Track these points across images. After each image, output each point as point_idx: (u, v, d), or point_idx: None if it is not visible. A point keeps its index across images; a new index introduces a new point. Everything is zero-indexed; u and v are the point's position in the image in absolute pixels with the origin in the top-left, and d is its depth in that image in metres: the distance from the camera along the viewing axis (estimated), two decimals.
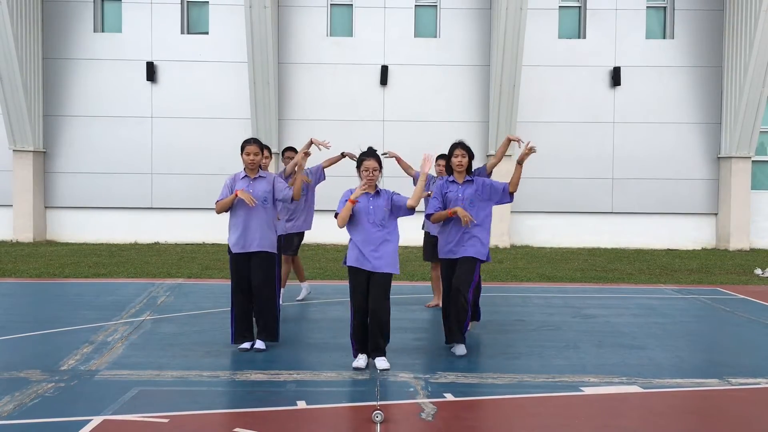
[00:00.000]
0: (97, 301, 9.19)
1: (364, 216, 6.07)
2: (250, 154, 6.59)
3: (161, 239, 17.14)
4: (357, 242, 6.09)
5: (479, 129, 17.02)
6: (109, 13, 17.35)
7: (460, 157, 6.61)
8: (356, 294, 6.10)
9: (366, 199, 6.10)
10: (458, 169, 6.62)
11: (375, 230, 6.04)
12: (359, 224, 6.09)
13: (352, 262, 6.10)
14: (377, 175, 6.10)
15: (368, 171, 6.06)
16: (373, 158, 6.10)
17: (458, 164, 6.61)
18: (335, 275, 11.85)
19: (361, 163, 6.12)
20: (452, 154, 6.67)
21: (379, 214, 6.07)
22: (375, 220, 6.06)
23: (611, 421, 4.81)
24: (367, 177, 6.07)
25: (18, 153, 16.60)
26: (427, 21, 17.42)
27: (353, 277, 6.13)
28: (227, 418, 4.84)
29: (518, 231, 17.04)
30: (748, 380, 5.80)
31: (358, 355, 6.12)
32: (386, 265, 6.05)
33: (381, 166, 6.14)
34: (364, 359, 6.09)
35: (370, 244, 6.03)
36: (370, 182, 6.07)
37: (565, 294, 10.23)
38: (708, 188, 17.21)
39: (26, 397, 5.12)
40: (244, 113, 16.82)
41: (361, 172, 6.12)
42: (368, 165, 6.08)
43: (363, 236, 6.06)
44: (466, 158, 6.61)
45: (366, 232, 6.06)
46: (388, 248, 6.07)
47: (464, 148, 6.67)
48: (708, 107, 17.12)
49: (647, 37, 17.22)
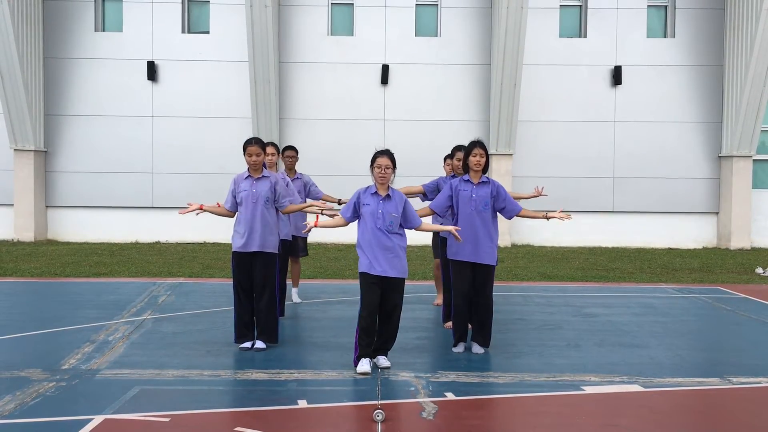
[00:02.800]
0: (98, 300, 9.20)
1: (372, 220, 5.90)
2: (252, 155, 6.55)
3: (162, 238, 17.14)
4: (364, 246, 5.93)
5: (480, 128, 17.00)
6: (110, 13, 17.36)
7: (478, 157, 6.47)
8: (366, 296, 5.89)
9: (375, 202, 5.91)
10: (476, 168, 6.49)
11: (381, 235, 5.88)
12: (366, 227, 5.93)
13: (364, 268, 5.92)
14: (390, 173, 5.91)
15: (381, 168, 5.86)
16: (386, 156, 5.91)
17: (476, 163, 6.47)
18: (336, 275, 11.85)
19: (374, 161, 5.93)
20: (470, 152, 6.51)
21: (387, 220, 5.88)
22: (382, 225, 5.88)
23: (612, 420, 4.81)
24: (379, 174, 5.86)
25: (19, 152, 16.60)
26: (428, 20, 17.41)
27: (365, 281, 5.92)
28: (228, 417, 4.84)
29: (519, 230, 17.03)
30: (749, 379, 5.80)
31: (362, 360, 5.87)
32: (398, 272, 5.91)
33: (395, 165, 5.95)
34: (368, 364, 5.86)
35: (377, 248, 5.87)
36: (382, 180, 5.88)
37: (566, 293, 10.23)
38: (709, 187, 17.20)
39: (27, 396, 5.12)
40: (244, 112, 16.83)
41: (373, 169, 5.92)
42: (381, 162, 5.88)
43: (369, 240, 5.90)
44: (484, 158, 6.49)
45: (372, 236, 5.89)
46: (396, 253, 5.89)
47: (483, 147, 6.53)
48: (709, 106, 17.11)
49: (648, 35, 17.21)
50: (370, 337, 5.90)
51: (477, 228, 6.43)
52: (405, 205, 6.02)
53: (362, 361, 5.85)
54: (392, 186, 6.06)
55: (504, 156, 16.60)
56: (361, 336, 5.89)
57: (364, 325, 5.86)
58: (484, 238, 6.44)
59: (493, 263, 6.51)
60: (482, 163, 6.49)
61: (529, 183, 16.86)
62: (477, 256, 6.43)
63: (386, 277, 5.91)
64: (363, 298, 5.92)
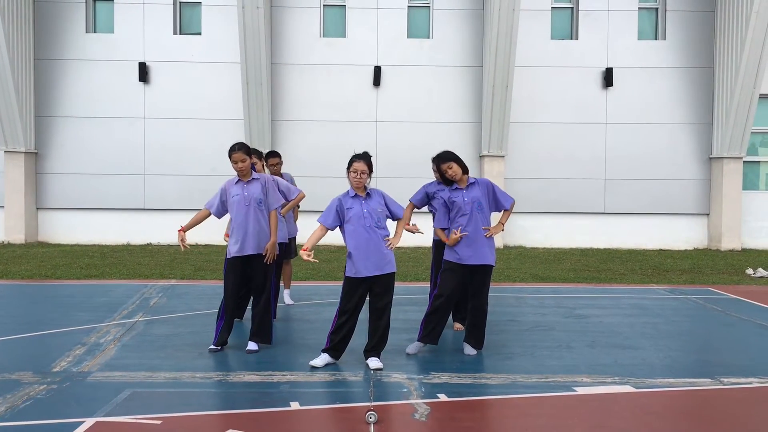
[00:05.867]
0: (90, 302, 9.16)
1: (359, 222, 5.98)
2: (238, 162, 6.52)
3: (154, 240, 17.09)
4: (353, 250, 5.98)
5: (472, 129, 17.05)
6: (101, 14, 17.30)
7: (452, 170, 6.47)
8: (351, 299, 6.02)
9: (358, 204, 6.01)
10: (455, 178, 6.52)
11: (371, 234, 5.96)
12: (354, 230, 5.99)
13: (352, 274, 5.99)
14: (365, 178, 6.03)
15: (356, 173, 5.98)
16: (362, 160, 6.02)
17: (452, 175, 6.49)
18: (328, 276, 11.85)
19: (350, 165, 6.02)
20: (441, 169, 6.53)
21: (374, 217, 6.00)
22: (371, 223, 5.98)
23: (604, 421, 4.82)
24: (355, 179, 5.99)
25: (9, 154, 16.52)
26: (420, 22, 17.44)
27: (350, 285, 6.01)
28: (220, 419, 4.82)
29: (511, 231, 17.06)
30: (740, 380, 5.82)
31: (323, 354, 6.06)
32: (388, 265, 6.01)
33: (371, 169, 6.07)
34: (323, 359, 6.04)
35: (367, 249, 5.93)
36: (357, 185, 6.00)
37: (558, 294, 10.25)
38: (700, 189, 17.28)
39: (18, 399, 5.09)
40: (236, 114, 16.81)
41: (349, 173, 6.03)
42: (357, 167, 5.99)
43: (359, 242, 5.95)
44: (456, 166, 6.48)
45: (362, 238, 5.95)
46: (386, 249, 6.01)
47: (448, 159, 6.49)
48: (699, 108, 17.20)
49: (639, 38, 17.30)
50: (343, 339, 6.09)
51: (476, 229, 6.48)
52: (385, 198, 6.16)
53: (322, 356, 6.08)
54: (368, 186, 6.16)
55: (496, 158, 16.64)
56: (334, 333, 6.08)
57: (336, 329, 6.06)
58: (484, 239, 6.50)
59: (492, 263, 6.54)
60: (458, 172, 6.50)
61: (521, 184, 16.95)
62: (477, 257, 6.46)
63: (378, 276, 5.98)
64: (342, 304, 6.05)
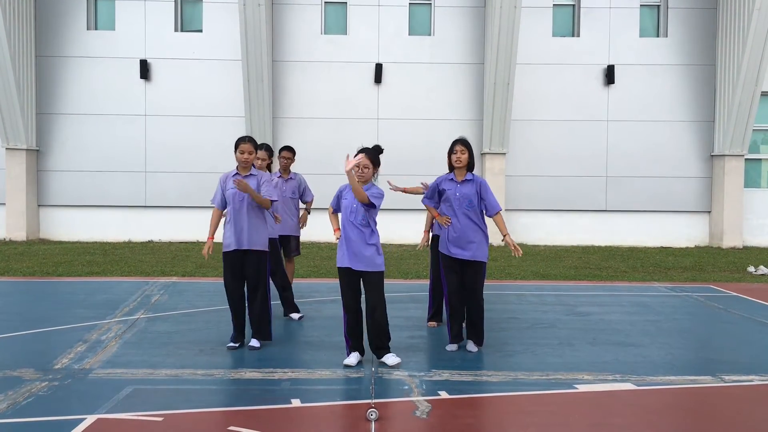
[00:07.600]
0: (91, 299, 9.17)
1: (344, 213, 5.99)
2: (245, 153, 6.53)
3: (155, 237, 17.10)
4: (341, 241, 6.01)
5: (473, 127, 17.03)
6: (103, 11, 17.29)
7: (459, 153, 6.44)
8: (345, 293, 6.07)
9: (351, 197, 5.95)
10: (457, 164, 6.46)
11: (355, 230, 5.91)
12: (343, 222, 6.02)
13: (340, 262, 6.02)
14: (368, 172, 5.90)
15: (358, 168, 5.87)
16: (364, 154, 5.91)
17: (457, 160, 6.45)
18: (329, 273, 11.84)
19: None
20: (452, 150, 6.51)
21: (360, 214, 5.91)
22: (355, 220, 5.91)
23: (605, 419, 4.82)
24: (357, 173, 5.87)
25: (11, 151, 16.52)
26: (422, 19, 17.41)
27: (342, 277, 6.05)
28: (221, 416, 4.83)
29: (512, 229, 17.05)
30: (741, 377, 5.83)
31: (351, 353, 6.09)
32: (372, 264, 5.93)
33: (374, 164, 5.92)
34: (355, 357, 6.06)
35: (351, 243, 5.91)
36: (359, 179, 5.89)
37: (559, 292, 10.25)
38: (701, 186, 17.26)
39: (20, 396, 5.10)
40: (238, 111, 16.80)
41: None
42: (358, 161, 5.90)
43: (345, 235, 5.96)
44: (465, 154, 6.45)
45: (347, 231, 5.94)
46: (369, 249, 5.92)
47: (464, 144, 6.50)
48: (701, 105, 17.18)
49: (641, 35, 17.26)
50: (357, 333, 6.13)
51: (464, 226, 6.43)
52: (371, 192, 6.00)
53: (351, 355, 6.11)
54: (376, 183, 6.08)
55: (497, 155, 16.62)
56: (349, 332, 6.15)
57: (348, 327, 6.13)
58: (473, 235, 6.44)
59: (482, 260, 6.49)
60: (463, 160, 6.46)
61: (523, 182, 16.95)
62: (465, 253, 6.44)
63: (363, 272, 5.96)
64: (343, 300, 6.13)
